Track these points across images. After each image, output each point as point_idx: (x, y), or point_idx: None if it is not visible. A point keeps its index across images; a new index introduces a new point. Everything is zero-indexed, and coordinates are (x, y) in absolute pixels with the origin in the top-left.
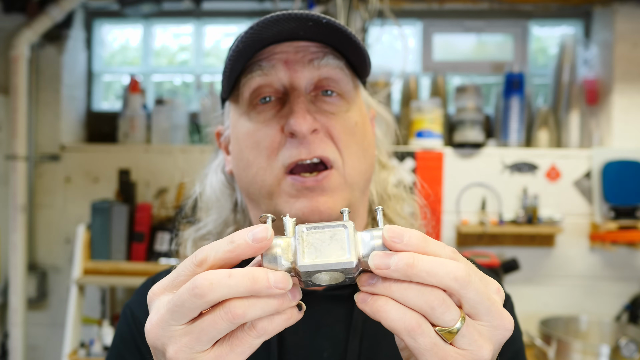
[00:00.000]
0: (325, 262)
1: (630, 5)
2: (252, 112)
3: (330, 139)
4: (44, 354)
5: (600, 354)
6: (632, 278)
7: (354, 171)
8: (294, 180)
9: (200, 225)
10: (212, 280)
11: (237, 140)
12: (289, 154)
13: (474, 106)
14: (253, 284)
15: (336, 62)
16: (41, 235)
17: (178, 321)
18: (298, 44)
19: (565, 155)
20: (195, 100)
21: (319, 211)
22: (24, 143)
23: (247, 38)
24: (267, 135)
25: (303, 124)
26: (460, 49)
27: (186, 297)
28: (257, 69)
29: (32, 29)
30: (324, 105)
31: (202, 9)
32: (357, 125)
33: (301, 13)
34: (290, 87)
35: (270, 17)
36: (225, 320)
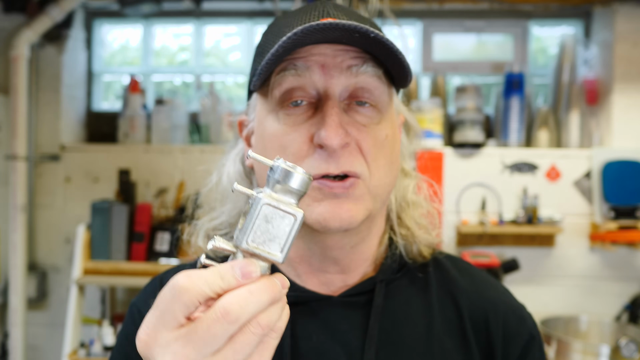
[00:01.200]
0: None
1: (630, 5)
2: (281, 112)
3: (359, 153)
4: (44, 354)
5: (600, 354)
6: (632, 278)
7: (379, 183)
8: (320, 184)
9: (214, 215)
10: (241, 304)
11: (262, 138)
12: (317, 166)
13: (474, 106)
14: (272, 294)
15: (375, 70)
16: (41, 235)
17: (209, 353)
18: (337, 47)
19: (565, 155)
20: (195, 100)
21: (341, 218)
22: (24, 143)
23: (288, 43)
24: (294, 141)
25: (335, 138)
26: (460, 49)
27: (216, 326)
28: (291, 68)
29: (32, 29)
30: (356, 115)
31: (202, 9)
32: (387, 138)
33: (349, 24)
34: (324, 93)
35: (316, 26)
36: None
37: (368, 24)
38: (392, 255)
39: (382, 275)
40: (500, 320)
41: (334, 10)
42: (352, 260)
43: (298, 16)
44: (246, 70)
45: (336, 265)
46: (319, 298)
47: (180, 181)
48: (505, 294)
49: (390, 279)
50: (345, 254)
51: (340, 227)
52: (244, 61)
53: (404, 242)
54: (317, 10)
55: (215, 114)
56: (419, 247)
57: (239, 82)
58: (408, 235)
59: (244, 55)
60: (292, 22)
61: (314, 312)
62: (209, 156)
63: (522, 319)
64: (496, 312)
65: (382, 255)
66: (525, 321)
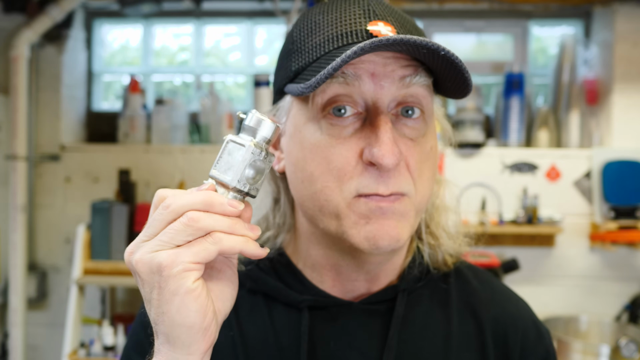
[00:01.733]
0: (238, 163)
1: (630, 5)
2: (324, 121)
3: (407, 170)
4: (44, 354)
5: (600, 354)
6: (632, 278)
7: (423, 198)
8: (368, 200)
9: None
10: (175, 194)
11: (300, 148)
12: (366, 185)
13: (474, 106)
14: (207, 198)
15: (426, 79)
16: (41, 235)
17: (149, 235)
18: (387, 54)
19: (565, 155)
20: (195, 100)
21: (389, 236)
22: (24, 143)
23: (352, 57)
24: (341, 155)
25: (391, 157)
26: (460, 49)
27: (157, 211)
28: (339, 76)
29: (32, 29)
30: (405, 129)
31: (202, 9)
32: (432, 149)
33: (420, 42)
34: (373, 104)
35: (385, 41)
36: (182, 223)
37: (412, 24)
38: (417, 264)
39: (405, 284)
40: (519, 335)
41: (379, 9)
42: (383, 271)
43: (339, 12)
44: (246, 70)
45: (367, 275)
46: (339, 303)
47: (180, 181)
48: (525, 308)
49: (412, 288)
50: (379, 267)
51: (389, 245)
52: (244, 61)
53: (430, 250)
54: (361, 9)
55: (215, 114)
56: (444, 256)
57: (239, 82)
58: (435, 244)
59: (244, 55)
60: (334, 21)
61: (333, 318)
62: (209, 156)
63: (540, 335)
64: (515, 327)
65: (407, 263)
66: (543, 337)
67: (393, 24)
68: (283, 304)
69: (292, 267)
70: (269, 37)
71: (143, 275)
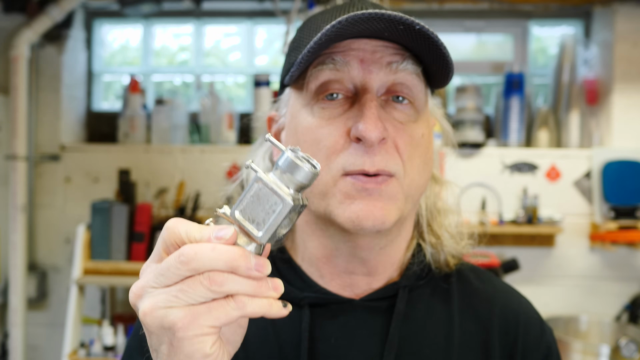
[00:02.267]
0: (272, 219)
1: (630, 5)
2: (316, 105)
3: (395, 150)
4: (44, 354)
5: (600, 354)
6: (632, 278)
7: (412, 183)
8: (354, 179)
9: None
10: (197, 251)
11: (295, 132)
12: (352, 162)
13: (474, 106)
14: (233, 260)
15: (414, 67)
16: (41, 235)
17: (160, 284)
18: (377, 43)
19: (565, 155)
20: (195, 100)
21: (374, 216)
22: (24, 143)
23: (331, 32)
24: (330, 134)
25: (374, 131)
26: (460, 49)
27: (172, 262)
28: (329, 62)
29: (32, 29)
30: (394, 112)
31: (202, 9)
32: (423, 137)
33: (395, 15)
34: (362, 87)
35: (361, 15)
36: (203, 285)
37: None
38: (419, 262)
39: (406, 281)
40: (520, 331)
41: (373, 8)
42: (380, 262)
43: (336, 13)
44: (246, 71)
45: (363, 267)
46: (340, 301)
47: (180, 181)
48: (528, 305)
49: (414, 285)
50: (373, 256)
51: (374, 226)
52: (244, 61)
53: (433, 250)
54: (355, 7)
55: (215, 114)
56: (446, 257)
57: (239, 82)
58: (437, 243)
59: (244, 55)
60: (330, 18)
61: (334, 315)
62: (209, 156)
63: (543, 332)
64: (517, 322)
65: (408, 260)
66: (545, 334)
67: None
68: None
69: (292, 263)
70: (269, 37)
71: (151, 328)
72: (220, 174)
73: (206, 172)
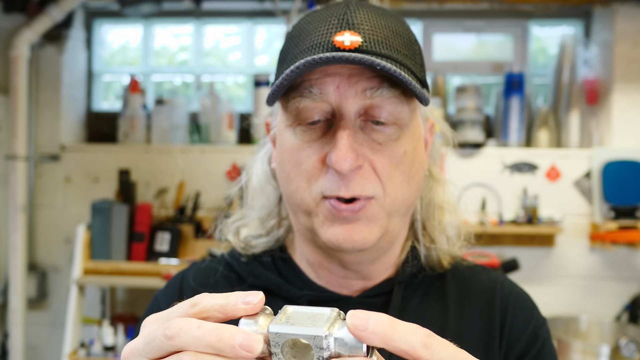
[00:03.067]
0: (295, 329)
1: (630, 5)
2: (298, 128)
3: (373, 173)
4: (44, 354)
5: (600, 354)
6: (632, 278)
7: (395, 201)
8: (331, 206)
9: (244, 212)
10: (181, 327)
11: (280, 150)
12: (329, 187)
13: (474, 106)
14: (217, 341)
15: (391, 92)
16: (41, 235)
17: (147, 354)
18: (353, 67)
19: (565, 155)
20: (195, 100)
21: (353, 240)
22: (24, 143)
23: (292, 77)
24: (308, 158)
25: (344, 163)
26: (460, 49)
27: (158, 335)
28: (307, 94)
29: (32, 29)
30: (372, 134)
31: (202, 9)
32: (405, 154)
33: (353, 58)
34: (338, 113)
35: (318, 59)
36: None
37: (392, 29)
38: (413, 260)
39: (401, 277)
40: (509, 315)
41: (356, 17)
42: (374, 270)
43: (319, 23)
44: (246, 71)
45: (357, 274)
46: (337, 298)
47: (180, 181)
48: (521, 292)
49: (409, 282)
50: (365, 267)
51: (354, 248)
52: (244, 61)
53: (427, 252)
54: (337, 19)
55: (215, 114)
56: (439, 257)
57: (239, 82)
58: (431, 246)
59: (244, 55)
60: (312, 31)
61: None
62: (209, 156)
63: (531, 319)
64: (506, 308)
65: (402, 261)
66: (534, 321)
67: (362, 33)
68: (283, 299)
69: (291, 263)
70: (269, 37)
71: None
72: (221, 174)
73: (206, 172)
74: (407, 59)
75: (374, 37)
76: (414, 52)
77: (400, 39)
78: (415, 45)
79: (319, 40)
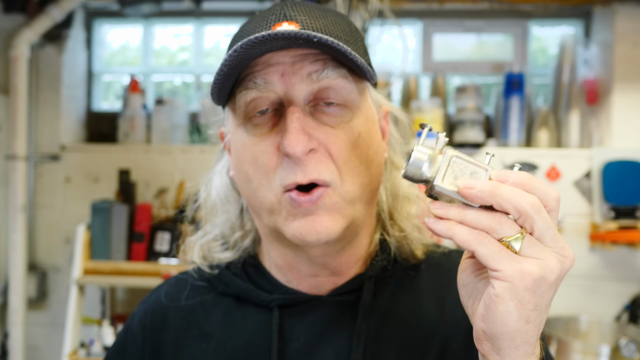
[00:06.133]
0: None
1: (630, 5)
2: (249, 124)
3: (328, 157)
4: (44, 354)
5: (600, 354)
6: (632, 278)
7: (353, 187)
8: (291, 199)
9: (207, 229)
10: None
11: (235, 152)
12: (286, 176)
13: (474, 106)
14: None
15: (336, 72)
16: (41, 235)
17: None
18: (295, 52)
19: (565, 155)
20: (195, 100)
21: (316, 232)
22: (24, 143)
23: (231, 61)
24: (263, 152)
25: (296, 146)
26: (460, 49)
27: None
28: (252, 87)
29: (32, 29)
30: (323, 117)
31: (202, 9)
32: (360, 136)
33: (289, 32)
34: (286, 100)
35: (254, 39)
36: None
37: (331, 19)
38: (384, 254)
39: (371, 272)
40: None
41: (292, 11)
42: (342, 263)
43: (257, 21)
44: None
45: (326, 269)
46: (308, 299)
47: (180, 181)
48: None
49: (380, 276)
50: (332, 259)
51: (318, 240)
52: None
53: (397, 243)
54: (274, 15)
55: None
56: (411, 248)
57: None
58: (401, 236)
59: None
60: (251, 29)
61: (303, 313)
62: (209, 156)
63: None
64: None
65: (373, 254)
66: None
67: (299, 22)
68: (254, 305)
69: (260, 268)
70: None
71: None
72: None
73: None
74: (347, 43)
75: (311, 25)
76: (355, 39)
77: (339, 27)
78: (357, 34)
79: (258, 32)
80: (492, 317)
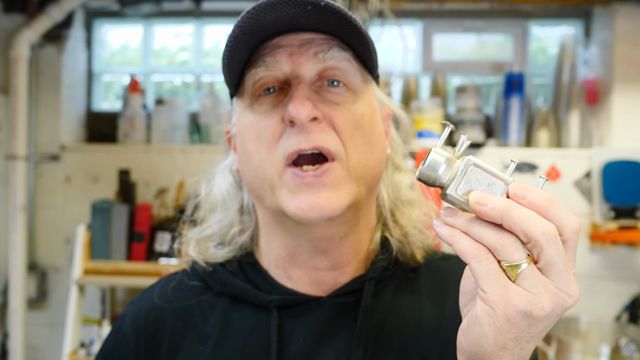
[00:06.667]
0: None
1: (630, 5)
2: (255, 103)
3: (332, 129)
4: (44, 354)
5: (600, 354)
6: (632, 278)
7: (359, 164)
8: (293, 174)
9: (204, 226)
10: None
11: (240, 134)
12: (289, 144)
13: (474, 106)
14: None
15: (342, 53)
16: (41, 235)
17: None
18: (303, 37)
19: (565, 155)
20: (195, 100)
21: (320, 207)
22: (24, 143)
23: (244, 24)
24: (268, 125)
25: (302, 110)
26: (460, 49)
27: None
28: (261, 65)
29: (32, 29)
30: (328, 95)
31: (202, 9)
32: (364, 117)
33: None
34: (293, 77)
35: (267, 1)
36: None
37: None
38: (385, 253)
39: (372, 274)
40: None
41: None
42: (342, 253)
43: None
44: None
45: (327, 259)
46: (308, 300)
47: (180, 181)
48: None
49: (380, 277)
50: (334, 246)
51: (322, 216)
52: None
53: (399, 244)
54: None
55: (215, 114)
56: (413, 250)
57: None
58: (403, 237)
59: None
60: None
61: (302, 314)
62: (209, 156)
63: None
64: None
65: (373, 253)
66: None
67: None
68: (252, 306)
69: (258, 267)
70: None
71: None
72: None
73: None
74: None
75: None
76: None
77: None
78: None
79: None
80: (470, 333)
